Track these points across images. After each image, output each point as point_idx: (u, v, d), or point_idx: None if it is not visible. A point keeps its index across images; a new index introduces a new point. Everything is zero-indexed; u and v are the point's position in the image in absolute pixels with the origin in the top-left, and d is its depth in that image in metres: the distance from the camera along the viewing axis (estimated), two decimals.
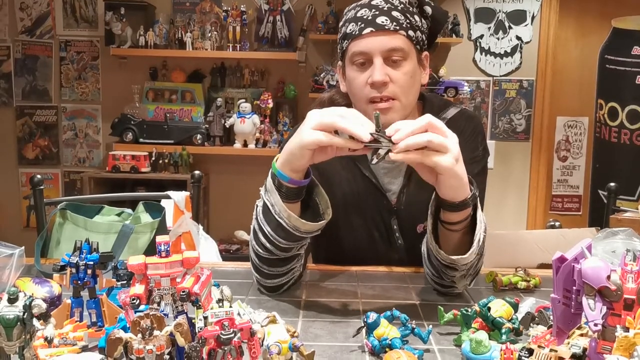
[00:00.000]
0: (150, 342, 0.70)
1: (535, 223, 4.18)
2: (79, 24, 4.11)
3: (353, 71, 1.30)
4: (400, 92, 1.27)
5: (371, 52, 1.26)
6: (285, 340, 0.81)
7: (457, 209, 1.10)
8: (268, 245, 1.15)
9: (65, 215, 1.54)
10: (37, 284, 1.06)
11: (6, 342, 0.70)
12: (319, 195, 1.16)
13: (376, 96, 1.26)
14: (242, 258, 3.30)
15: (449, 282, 1.19)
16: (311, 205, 1.17)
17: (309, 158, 1.06)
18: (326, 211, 1.15)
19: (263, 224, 1.15)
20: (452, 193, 1.08)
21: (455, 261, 1.12)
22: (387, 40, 1.25)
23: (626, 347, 0.67)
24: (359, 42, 1.27)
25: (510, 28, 4.10)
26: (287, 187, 1.10)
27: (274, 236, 1.14)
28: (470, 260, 1.13)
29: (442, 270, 1.17)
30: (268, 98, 3.81)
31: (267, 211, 1.13)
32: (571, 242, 0.75)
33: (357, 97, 1.31)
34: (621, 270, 0.70)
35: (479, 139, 1.42)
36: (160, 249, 0.78)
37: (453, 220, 1.12)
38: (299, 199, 1.13)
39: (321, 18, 3.90)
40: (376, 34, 1.25)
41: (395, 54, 1.26)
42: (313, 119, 1.05)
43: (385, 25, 1.25)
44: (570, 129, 4.35)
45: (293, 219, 1.10)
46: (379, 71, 1.24)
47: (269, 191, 1.12)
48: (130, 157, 3.69)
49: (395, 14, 1.27)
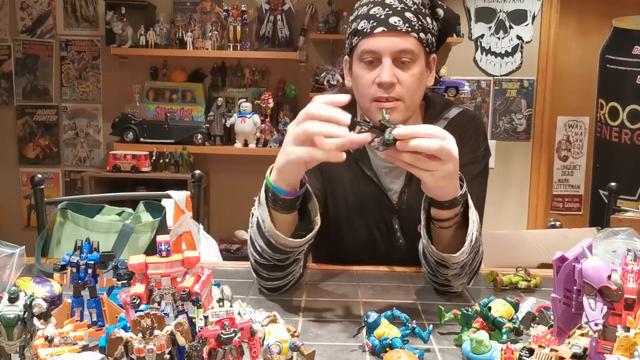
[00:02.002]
0: (151, 342, 0.70)
1: (535, 223, 4.18)
2: (80, 23, 4.12)
3: (361, 69, 1.29)
4: (406, 94, 1.26)
5: (381, 52, 1.25)
6: (285, 340, 0.81)
7: (446, 207, 1.10)
8: (264, 255, 1.15)
9: (65, 215, 1.54)
10: (38, 283, 1.06)
11: (7, 342, 0.70)
12: (311, 203, 1.15)
13: (382, 96, 1.25)
14: (242, 257, 3.29)
15: (443, 280, 1.20)
16: (307, 212, 1.16)
17: (301, 171, 1.05)
18: (314, 219, 1.14)
19: (256, 237, 1.15)
20: (441, 193, 1.09)
21: (445, 258, 1.13)
22: (398, 41, 1.24)
23: (627, 347, 0.67)
24: (370, 40, 1.26)
25: (511, 28, 4.10)
26: (284, 199, 1.09)
27: (265, 250, 1.14)
28: (462, 259, 1.12)
29: (435, 267, 1.18)
30: (269, 97, 3.80)
31: (259, 226, 1.13)
32: (572, 242, 0.75)
33: (362, 94, 1.30)
34: (622, 270, 0.70)
35: (480, 139, 1.42)
36: (160, 248, 0.78)
37: (442, 217, 1.12)
38: (293, 210, 1.12)
39: (322, 18, 3.90)
40: (388, 34, 1.24)
41: (405, 55, 1.25)
42: (290, 133, 1.03)
43: (397, 26, 1.24)
44: (571, 129, 4.34)
45: (280, 238, 1.09)
46: (387, 72, 1.23)
47: (261, 205, 1.11)
48: (130, 156, 3.69)
49: (408, 15, 1.26)
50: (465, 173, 1.36)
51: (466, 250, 1.12)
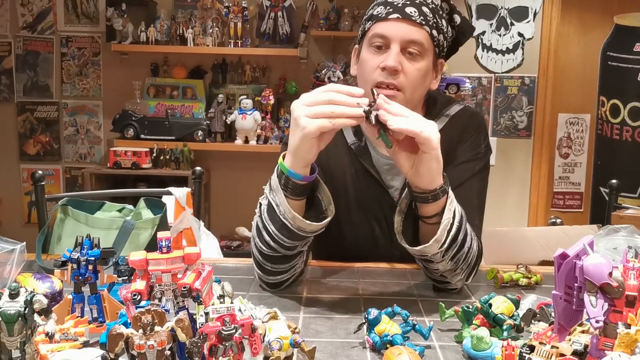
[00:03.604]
0: (152, 338, 0.70)
1: (536, 220, 4.18)
2: (80, 19, 4.11)
3: (368, 53, 1.29)
4: (408, 85, 1.26)
5: (391, 38, 1.25)
6: (286, 336, 0.81)
7: (431, 200, 1.11)
8: (272, 244, 1.15)
9: (66, 211, 1.54)
10: (39, 279, 1.06)
11: (7, 338, 0.70)
12: (322, 192, 1.17)
13: (384, 81, 1.25)
14: (243, 254, 3.30)
15: (439, 277, 1.20)
16: (314, 202, 1.17)
17: (316, 147, 1.07)
18: (329, 207, 1.16)
19: (267, 223, 1.15)
20: (429, 178, 1.09)
21: (422, 251, 1.13)
22: (410, 30, 1.25)
23: (628, 343, 0.67)
24: (382, 24, 1.26)
25: (512, 24, 4.09)
26: (295, 184, 1.10)
27: (278, 235, 1.14)
28: (441, 249, 1.11)
29: (423, 264, 1.19)
30: (269, 94, 3.80)
31: (272, 210, 1.13)
32: (573, 239, 0.75)
33: (365, 78, 1.30)
34: (623, 267, 0.70)
35: (481, 136, 1.42)
36: (161, 244, 0.78)
37: (430, 213, 1.13)
38: (304, 196, 1.14)
39: (322, 14, 3.89)
40: (401, 21, 1.25)
41: (414, 47, 1.25)
42: (299, 110, 1.06)
43: (412, 16, 1.25)
44: (572, 126, 4.34)
45: (298, 220, 1.10)
46: (394, 57, 1.23)
47: (274, 190, 1.12)
48: (131, 153, 3.69)
49: (425, 9, 1.26)
50: (466, 170, 1.37)
51: (440, 238, 1.11)
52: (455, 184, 1.26)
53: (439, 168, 1.09)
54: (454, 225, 1.12)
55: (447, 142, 1.23)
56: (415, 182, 1.11)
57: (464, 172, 1.36)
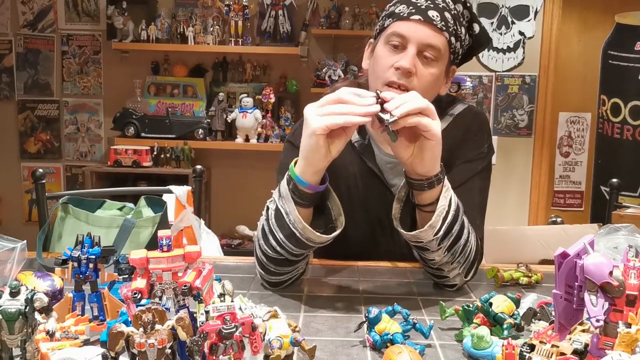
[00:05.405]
0: (152, 336, 0.70)
1: (537, 219, 4.18)
2: (81, 18, 4.11)
3: (384, 50, 1.28)
4: (419, 89, 1.25)
5: (409, 39, 1.24)
6: (286, 335, 0.81)
7: (426, 187, 1.12)
8: (278, 249, 1.16)
9: (67, 210, 1.54)
10: (39, 277, 1.06)
11: (8, 336, 0.70)
12: (332, 202, 1.17)
13: (395, 81, 1.24)
14: (243, 253, 3.31)
15: (436, 270, 1.20)
16: (324, 211, 1.18)
17: (326, 149, 1.07)
18: (338, 218, 1.17)
19: (275, 229, 1.15)
20: (430, 165, 1.10)
21: (416, 236, 1.14)
22: (430, 34, 1.24)
23: (628, 343, 0.67)
24: (403, 24, 1.25)
25: (513, 23, 4.09)
26: (302, 191, 1.11)
27: (285, 243, 1.15)
28: (437, 236, 1.12)
29: (418, 252, 1.20)
30: (270, 93, 3.80)
31: (281, 217, 1.13)
32: (573, 238, 0.75)
33: (377, 76, 1.29)
34: (623, 266, 0.70)
35: (484, 135, 1.42)
36: (162, 243, 0.78)
37: (426, 201, 1.14)
38: (312, 205, 1.14)
39: (323, 13, 3.89)
40: (422, 24, 1.24)
41: (431, 51, 1.24)
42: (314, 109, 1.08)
43: (434, 20, 1.24)
44: (573, 125, 4.34)
45: (308, 231, 1.11)
46: (409, 59, 1.23)
47: (284, 197, 1.13)
48: (132, 151, 3.69)
49: (447, 15, 1.26)
50: (468, 169, 1.37)
51: (435, 224, 1.11)
52: (457, 183, 1.26)
53: (439, 155, 1.11)
54: (449, 214, 1.13)
55: (450, 141, 1.23)
56: (415, 168, 1.11)
57: (466, 172, 1.36)
